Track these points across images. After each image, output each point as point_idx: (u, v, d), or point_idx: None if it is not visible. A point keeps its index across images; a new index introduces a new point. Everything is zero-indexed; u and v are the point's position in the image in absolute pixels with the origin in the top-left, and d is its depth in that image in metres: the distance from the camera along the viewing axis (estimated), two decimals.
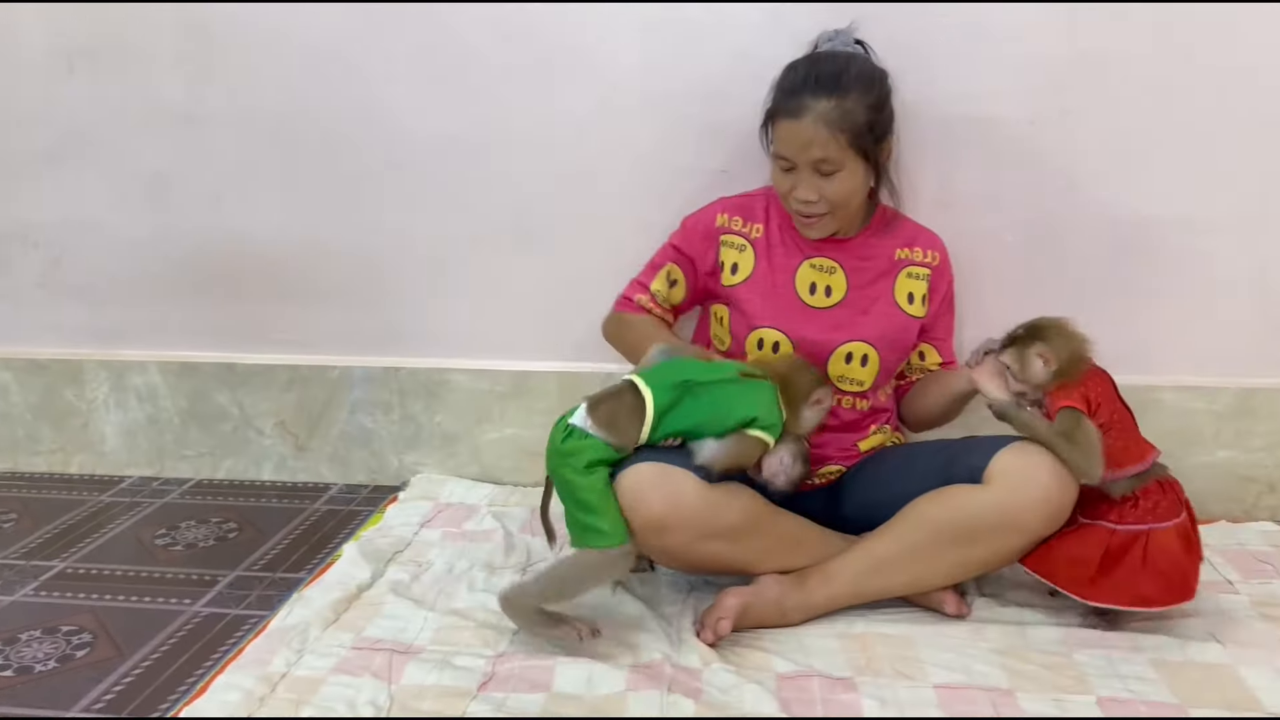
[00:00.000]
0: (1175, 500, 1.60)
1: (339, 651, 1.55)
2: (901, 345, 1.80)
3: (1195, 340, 2.05)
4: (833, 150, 1.66)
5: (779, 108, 1.69)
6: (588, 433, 1.55)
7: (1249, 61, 1.90)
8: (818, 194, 1.70)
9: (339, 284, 2.24)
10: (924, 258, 1.82)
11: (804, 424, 1.66)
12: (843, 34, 1.78)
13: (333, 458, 2.33)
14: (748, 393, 1.59)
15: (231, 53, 2.14)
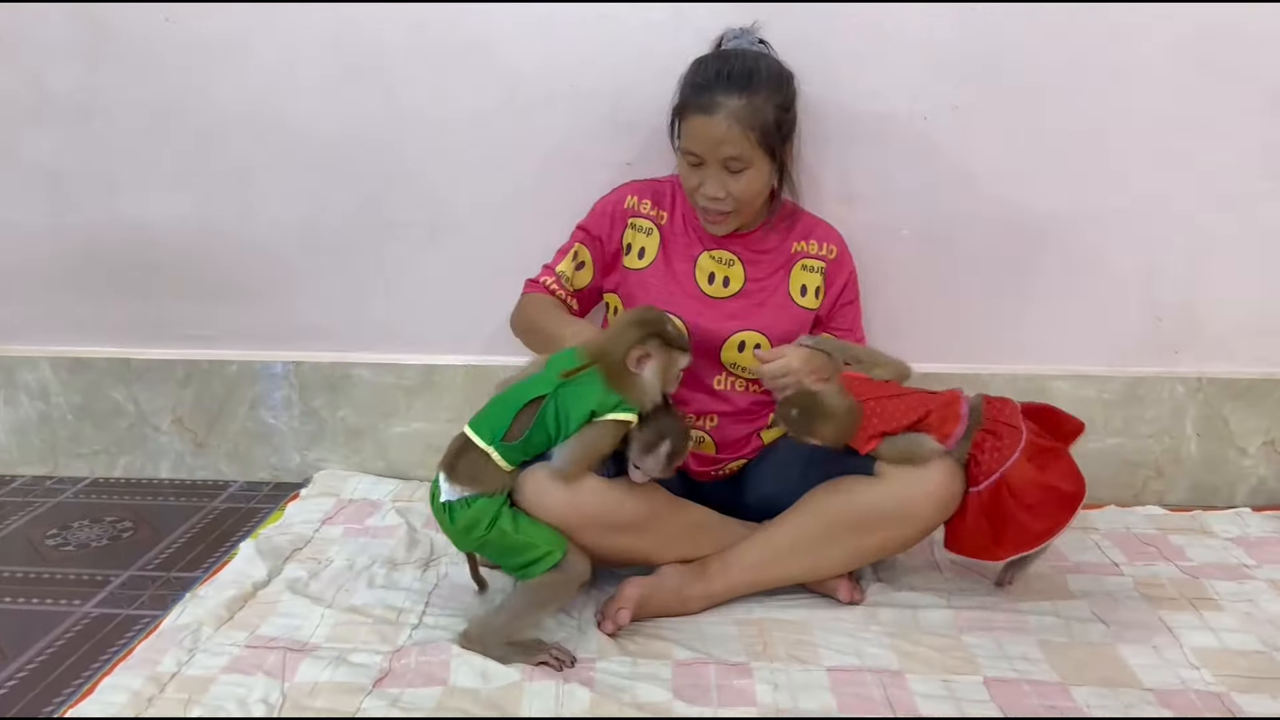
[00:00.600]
0: (1010, 430, 1.60)
1: (232, 650, 1.53)
2: (792, 335, 1.82)
3: (1086, 331, 2.11)
4: (743, 148, 1.67)
5: (690, 103, 1.70)
6: (466, 499, 1.52)
7: (1136, 59, 1.96)
8: (725, 191, 1.71)
9: (237, 277, 2.20)
10: (820, 250, 1.85)
11: (646, 388, 1.55)
12: (747, 33, 1.80)
13: (232, 454, 2.28)
14: (578, 390, 1.53)
15: (124, 42, 2.08)
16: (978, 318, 2.09)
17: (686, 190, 1.78)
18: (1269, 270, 2.07)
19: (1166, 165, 2.01)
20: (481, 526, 1.51)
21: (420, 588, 1.72)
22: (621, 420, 1.53)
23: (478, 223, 2.12)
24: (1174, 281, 2.08)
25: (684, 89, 1.73)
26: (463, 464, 1.53)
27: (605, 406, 1.52)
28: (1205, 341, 2.11)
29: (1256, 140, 2.00)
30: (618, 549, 1.62)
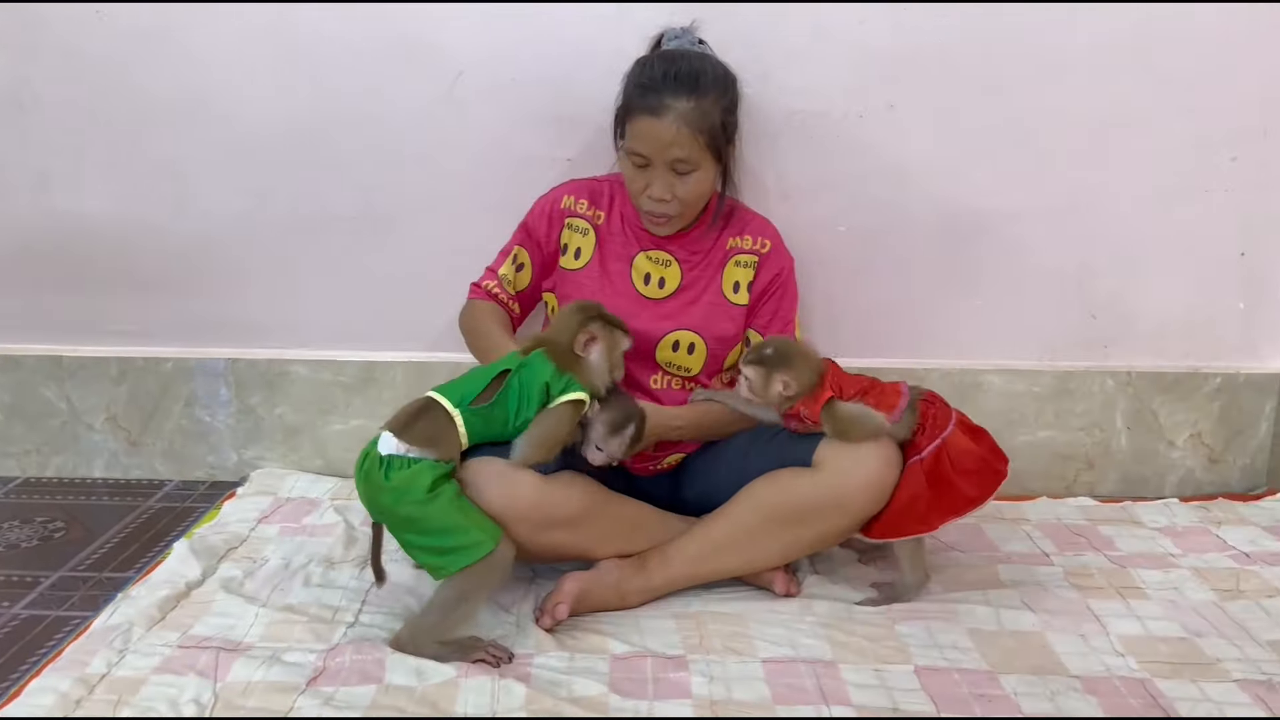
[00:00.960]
0: (943, 406, 1.67)
1: (163, 651, 1.51)
2: (728, 334, 1.83)
3: (1018, 325, 2.16)
4: (691, 151, 1.68)
5: (637, 104, 1.69)
6: (411, 458, 1.49)
7: (1067, 57, 2.00)
8: (671, 193, 1.71)
9: (172, 272, 2.17)
10: (753, 245, 1.85)
11: (594, 371, 1.59)
12: (687, 33, 1.80)
13: (167, 453, 2.25)
14: (534, 368, 1.56)
15: (55, 34, 2.04)
16: (913, 313, 2.12)
17: (631, 192, 1.77)
18: (1197, 267, 2.12)
19: (1097, 163, 2.06)
20: (420, 489, 1.45)
21: (357, 586, 1.71)
22: (575, 401, 1.55)
23: (417, 217, 2.11)
24: (1104, 278, 2.12)
25: (629, 90, 1.72)
26: (421, 424, 1.52)
27: (557, 386, 1.54)
28: (1134, 336, 2.16)
29: (1185, 139, 2.05)
30: (555, 544, 1.62)
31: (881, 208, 2.07)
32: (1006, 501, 2.12)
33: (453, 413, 1.52)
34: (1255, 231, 2.10)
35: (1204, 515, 2.05)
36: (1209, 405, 2.17)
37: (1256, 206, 2.09)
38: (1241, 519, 2.03)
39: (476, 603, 1.50)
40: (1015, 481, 2.13)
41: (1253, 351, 2.18)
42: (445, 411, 1.53)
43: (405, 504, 1.47)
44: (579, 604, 1.61)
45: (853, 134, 2.03)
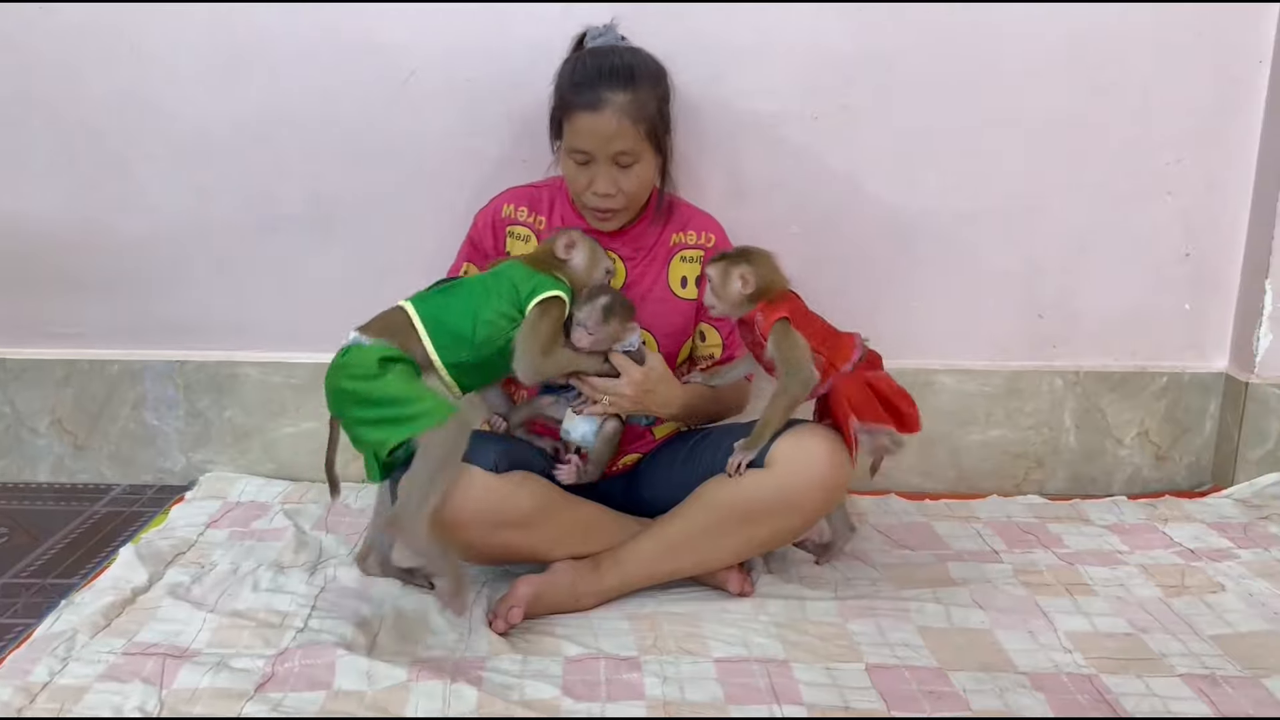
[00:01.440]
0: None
1: (108, 658, 1.48)
2: (677, 329, 1.83)
3: (968, 326, 2.18)
4: (632, 142, 1.68)
5: (574, 101, 1.69)
6: (364, 346, 1.56)
7: (1014, 61, 2.03)
8: (616, 187, 1.72)
9: (119, 273, 2.14)
10: (699, 240, 1.85)
11: (577, 274, 1.67)
12: (610, 30, 1.81)
13: (114, 457, 2.22)
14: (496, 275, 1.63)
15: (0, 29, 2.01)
16: (865, 313, 2.11)
17: (574, 190, 1.77)
18: (1141, 267, 2.15)
19: (1044, 166, 2.09)
20: (370, 364, 1.52)
21: (307, 591, 1.68)
22: (553, 299, 1.61)
23: (368, 217, 2.09)
24: (1052, 278, 2.15)
25: (563, 89, 1.73)
26: (377, 322, 1.60)
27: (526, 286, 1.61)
28: (1082, 336, 2.19)
29: (1130, 142, 2.08)
30: (508, 545, 1.62)
31: (834, 209, 2.09)
32: (957, 500, 2.14)
33: (406, 307, 1.59)
34: (1200, 233, 2.14)
35: (1151, 513, 2.08)
36: (1155, 404, 2.21)
37: (1200, 208, 2.12)
38: (1187, 516, 2.06)
39: (451, 466, 1.51)
40: (966, 480, 2.19)
41: (1198, 351, 2.21)
42: (403, 315, 1.59)
43: (353, 379, 1.54)
44: (533, 607, 1.60)
45: (806, 136, 2.05)
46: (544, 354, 1.61)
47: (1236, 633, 1.59)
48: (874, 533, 1.97)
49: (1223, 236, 2.14)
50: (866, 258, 2.12)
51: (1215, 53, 2.05)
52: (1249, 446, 2.15)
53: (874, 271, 2.13)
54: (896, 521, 2.03)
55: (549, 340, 1.61)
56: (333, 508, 2.02)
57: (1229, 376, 2.19)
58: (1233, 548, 1.90)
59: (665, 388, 1.72)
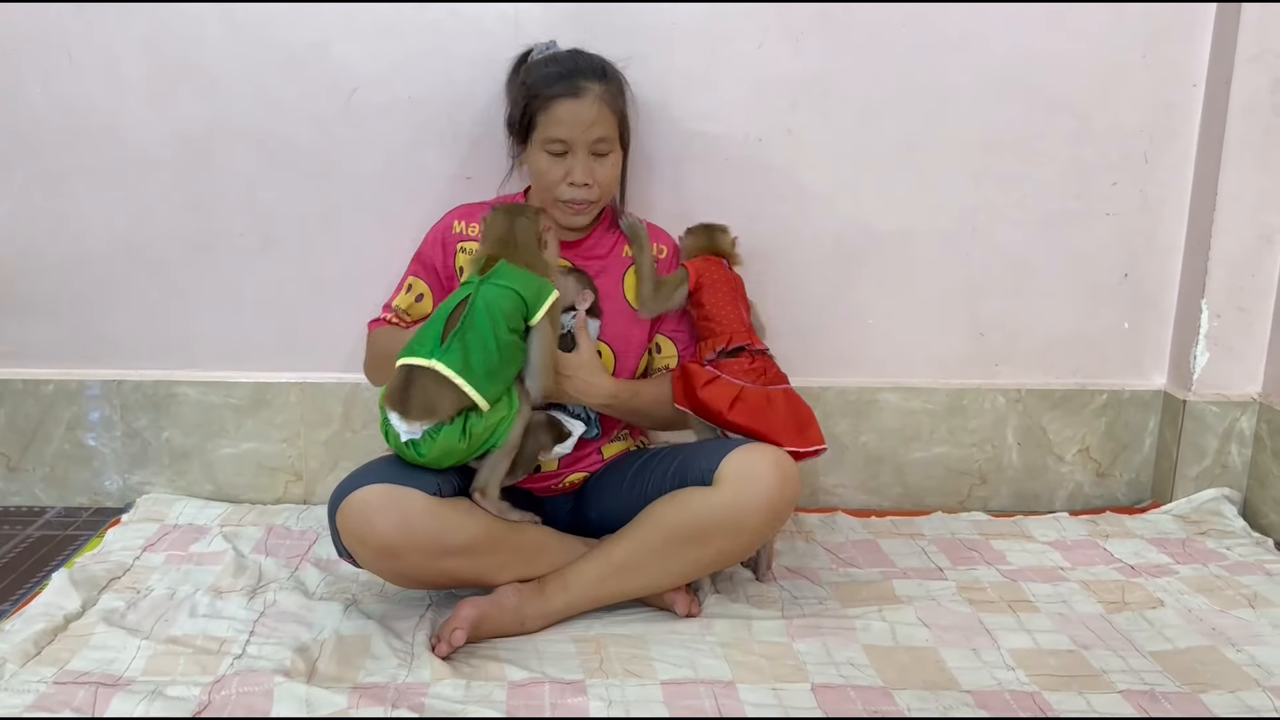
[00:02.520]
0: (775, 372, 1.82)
1: (38, 688, 1.44)
2: (634, 340, 1.83)
3: (912, 344, 2.20)
4: (609, 129, 1.73)
5: (554, 92, 1.71)
6: (430, 433, 1.54)
7: (957, 85, 2.06)
8: (591, 177, 1.73)
9: (52, 291, 2.09)
10: (653, 253, 1.86)
11: (552, 261, 1.70)
12: (554, 47, 1.82)
13: (49, 479, 2.16)
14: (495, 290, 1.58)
15: None
16: (810, 332, 2.15)
17: (547, 185, 1.75)
18: (1081, 287, 2.18)
19: (984, 187, 2.11)
20: (457, 449, 1.55)
21: (245, 616, 1.65)
22: (555, 299, 1.62)
23: (310, 234, 2.07)
24: (992, 297, 2.18)
25: (535, 85, 1.74)
26: (415, 395, 1.53)
27: (530, 291, 1.59)
28: (1023, 355, 2.22)
29: (1069, 164, 2.11)
30: (451, 571, 1.60)
31: (778, 229, 2.10)
32: (903, 516, 2.16)
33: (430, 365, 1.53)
34: (1138, 254, 2.18)
35: (1092, 529, 2.11)
36: (1096, 421, 2.24)
37: (1138, 230, 2.16)
38: (1127, 531, 2.09)
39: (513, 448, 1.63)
40: (911, 497, 2.21)
41: (1137, 369, 2.25)
42: (426, 375, 1.53)
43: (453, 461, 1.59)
44: (477, 630, 1.58)
45: (751, 157, 2.06)
46: (554, 375, 1.66)
47: (1175, 649, 1.61)
48: (821, 550, 1.97)
49: (1160, 257, 2.18)
50: (810, 277, 2.13)
51: (1153, 76, 2.08)
52: (1187, 463, 2.19)
53: (818, 291, 2.14)
54: (843, 539, 2.03)
55: (554, 349, 1.66)
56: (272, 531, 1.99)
57: (1167, 394, 2.23)
58: (1172, 563, 1.93)
59: (585, 375, 1.72)
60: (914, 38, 2.03)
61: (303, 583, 1.79)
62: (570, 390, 1.71)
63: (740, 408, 1.72)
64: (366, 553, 1.54)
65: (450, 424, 1.54)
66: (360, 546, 1.53)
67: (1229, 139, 2.04)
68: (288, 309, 2.10)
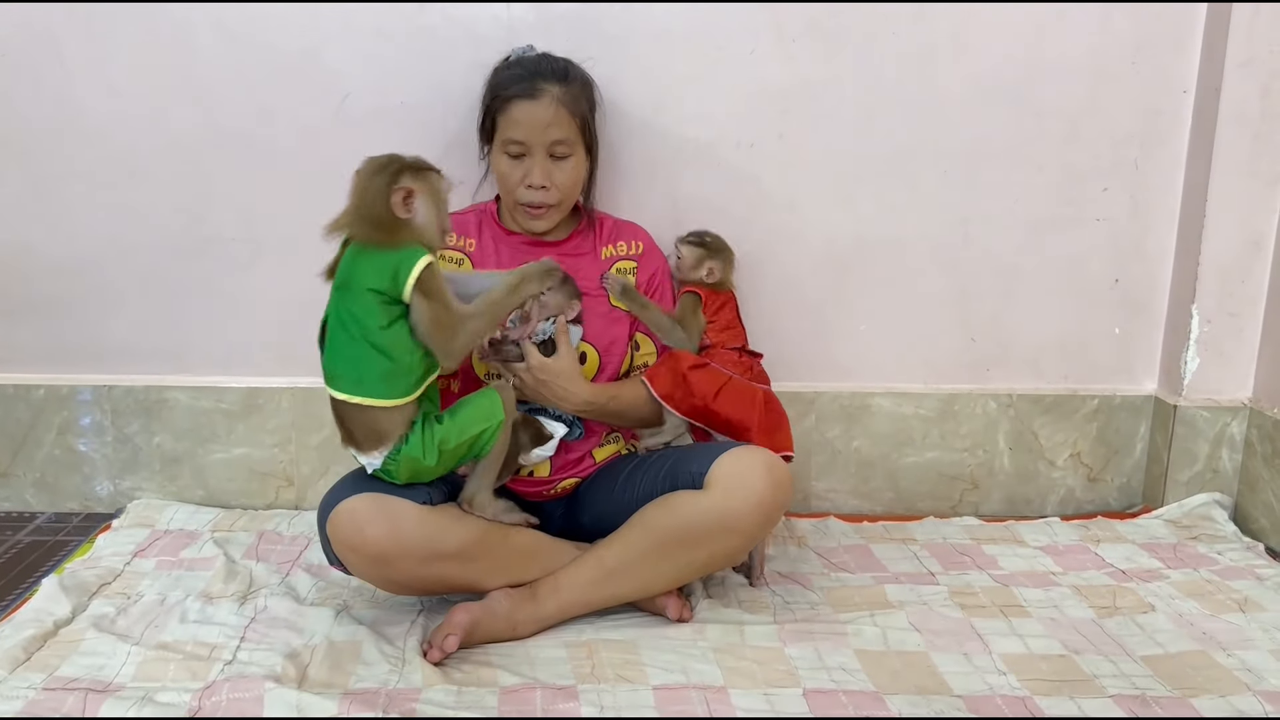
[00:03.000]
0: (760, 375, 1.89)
1: (27, 694, 1.43)
2: (615, 339, 1.83)
3: (903, 349, 2.20)
4: (568, 132, 1.73)
5: (511, 93, 1.72)
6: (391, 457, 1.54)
7: (947, 90, 2.06)
8: (549, 180, 1.73)
9: (43, 295, 2.09)
10: (630, 250, 1.87)
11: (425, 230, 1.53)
12: (531, 51, 1.82)
13: (39, 484, 2.15)
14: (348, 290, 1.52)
15: None
16: (802, 338, 2.15)
17: (507, 188, 1.77)
18: (1072, 292, 2.19)
19: (974, 193, 2.12)
20: (428, 466, 1.54)
21: (236, 622, 1.64)
22: (427, 265, 1.48)
23: (302, 240, 2.01)
24: (983, 303, 2.18)
25: (497, 86, 1.76)
26: (351, 426, 1.53)
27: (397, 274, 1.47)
28: (1015, 360, 2.22)
29: (1059, 170, 2.12)
30: (443, 578, 1.60)
31: (771, 235, 2.10)
32: (895, 521, 2.16)
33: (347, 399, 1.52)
34: (1128, 259, 2.18)
35: (1084, 533, 2.11)
36: (1087, 426, 2.24)
37: (1129, 235, 2.17)
38: (1119, 536, 2.09)
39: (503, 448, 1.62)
40: (903, 501, 2.21)
41: (1128, 374, 2.25)
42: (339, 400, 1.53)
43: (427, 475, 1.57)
44: (469, 636, 1.58)
45: (743, 162, 2.06)
46: (454, 333, 1.52)
47: (1166, 653, 1.62)
48: (813, 555, 1.97)
49: (1150, 262, 2.19)
50: (802, 282, 2.14)
51: (1143, 82, 2.09)
52: (1178, 468, 2.19)
53: (810, 296, 2.15)
54: (835, 544, 2.03)
55: (452, 320, 1.51)
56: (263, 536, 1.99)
57: (1158, 399, 2.23)
58: (1163, 568, 1.94)
59: (563, 382, 1.72)
60: (905, 44, 2.03)
61: (294, 588, 1.78)
62: (548, 395, 1.72)
63: (726, 396, 1.75)
64: (358, 560, 1.54)
65: (407, 443, 1.53)
66: (352, 554, 1.53)
67: (1219, 145, 2.05)
68: (279, 314, 2.09)
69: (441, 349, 1.53)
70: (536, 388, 1.71)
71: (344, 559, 1.56)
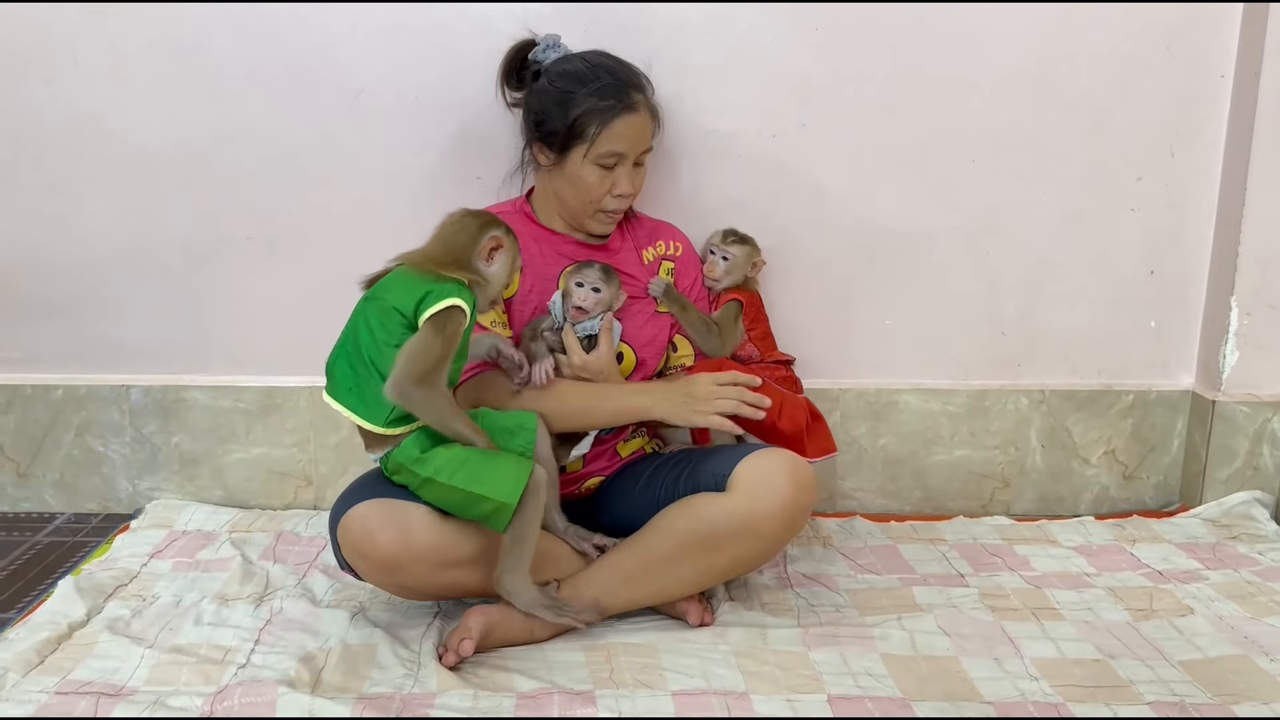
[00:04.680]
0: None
1: (40, 697, 1.42)
2: (655, 341, 1.81)
3: (931, 344, 2.15)
4: (653, 139, 1.76)
5: (615, 106, 1.69)
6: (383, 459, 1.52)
7: (976, 80, 2.02)
8: (633, 186, 1.74)
9: (61, 296, 2.08)
10: (669, 251, 1.86)
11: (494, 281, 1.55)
12: (559, 45, 1.79)
13: (59, 485, 2.15)
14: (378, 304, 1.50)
15: None
16: (827, 333, 2.11)
17: (590, 199, 1.73)
18: (1106, 285, 2.13)
19: (1004, 184, 2.07)
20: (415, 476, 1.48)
21: (251, 624, 1.62)
22: (451, 308, 1.45)
23: (319, 238, 2.04)
24: (1014, 296, 2.13)
25: (587, 99, 1.69)
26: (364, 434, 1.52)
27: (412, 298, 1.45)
28: (1046, 355, 2.17)
29: (1091, 159, 2.07)
30: (457, 583, 1.57)
31: (794, 227, 2.06)
32: (923, 521, 2.11)
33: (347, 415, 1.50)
34: (1164, 250, 2.12)
35: (1119, 533, 2.05)
36: (1122, 423, 2.18)
37: (1164, 225, 2.11)
38: (1155, 536, 2.03)
39: (534, 525, 1.51)
40: (932, 501, 2.16)
41: (1164, 369, 2.19)
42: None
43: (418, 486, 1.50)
44: (485, 639, 1.55)
45: (766, 153, 2.02)
46: (419, 380, 1.44)
47: (1206, 658, 1.56)
48: (839, 556, 1.93)
49: (1187, 253, 2.13)
50: (827, 276, 2.09)
51: (1178, 68, 2.03)
52: (1216, 465, 2.13)
53: (835, 290, 2.10)
54: (861, 544, 1.99)
55: (434, 364, 1.44)
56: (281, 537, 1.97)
57: (1195, 395, 2.17)
58: (1201, 569, 1.88)
59: (603, 379, 1.71)
60: (929, 33, 1.98)
61: (310, 590, 1.76)
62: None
63: (786, 413, 1.72)
64: (368, 567, 1.51)
65: (399, 448, 1.50)
66: (362, 561, 1.51)
67: (1259, 131, 1.99)
68: (296, 312, 2.08)
69: (401, 373, 1.44)
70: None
71: (354, 565, 1.54)
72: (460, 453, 1.48)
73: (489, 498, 1.45)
